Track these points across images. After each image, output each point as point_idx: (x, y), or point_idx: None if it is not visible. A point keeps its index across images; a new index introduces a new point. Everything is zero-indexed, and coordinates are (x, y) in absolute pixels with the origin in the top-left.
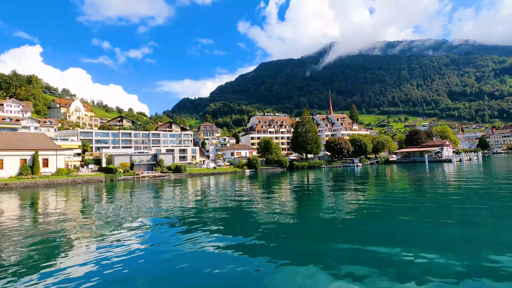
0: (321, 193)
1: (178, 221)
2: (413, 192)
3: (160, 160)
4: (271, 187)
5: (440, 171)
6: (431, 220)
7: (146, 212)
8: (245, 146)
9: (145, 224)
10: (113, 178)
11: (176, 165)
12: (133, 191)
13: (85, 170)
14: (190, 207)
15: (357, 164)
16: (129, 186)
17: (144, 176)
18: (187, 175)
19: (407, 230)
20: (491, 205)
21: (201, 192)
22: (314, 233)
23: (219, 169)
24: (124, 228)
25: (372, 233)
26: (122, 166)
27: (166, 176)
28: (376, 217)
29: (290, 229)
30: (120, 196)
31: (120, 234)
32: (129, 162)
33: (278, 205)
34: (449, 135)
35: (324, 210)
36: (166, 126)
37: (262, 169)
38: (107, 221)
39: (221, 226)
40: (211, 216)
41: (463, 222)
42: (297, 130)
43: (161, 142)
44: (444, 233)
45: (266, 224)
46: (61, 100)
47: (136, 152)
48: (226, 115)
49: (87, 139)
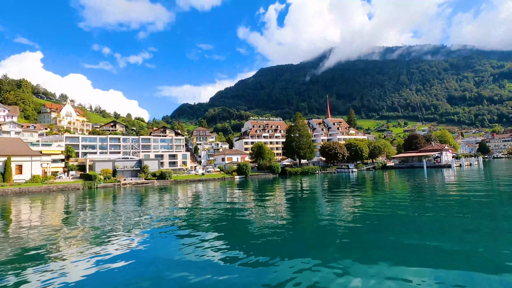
0: (310, 204)
1: (138, 238)
2: (407, 206)
3: (145, 166)
4: (257, 197)
5: (439, 177)
6: (417, 239)
7: (107, 229)
8: (237, 151)
9: (101, 246)
10: (92, 185)
11: (161, 171)
12: (107, 200)
13: (66, 177)
14: (161, 220)
15: (352, 170)
16: (107, 194)
17: (126, 183)
18: (172, 182)
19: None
20: (497, 227)
21: (181, 201)
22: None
23: (207, 175)
24: (69, 250)
25: (361, 248)
26: (104, 172)
27: (149, 183)
28: (364, 232)
29: (273, 247)
30: (90, 207)
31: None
32: (111, 169)
33: (260, 218)
34: (448, 140)
35: (311, 226)
36: (160, 131)
37: (253, 175)
38: (51, 238)
39: (191, 243)
40: (183, 233)
41: (463, 241)
42: (290, 134)
43: (152, 147)
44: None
45: (243, 244)
46: (51, 105)
47: (120, 158)
48: (225, 120)
49: (73, 144)
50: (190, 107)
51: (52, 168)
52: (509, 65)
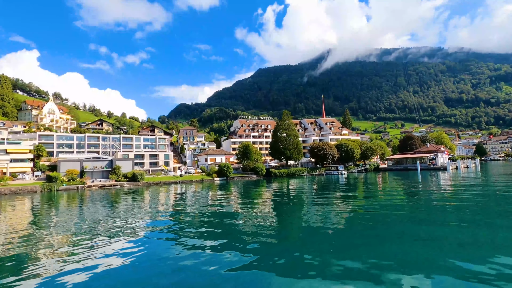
0: (285, 217)
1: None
2: (395, 220)
3: (116, 167)
4: (229, 206)
5: (433, 181)
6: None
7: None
8: (221, 151)
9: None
10: (52, 187)
11: (133, 172)
12: (58, 206)
13: (29, 178)
14: (106, 233)
15: (341, 172)
16: (65, 198)
17: (91, 185)
18: (143, 185)
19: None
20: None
21: (143, 209)
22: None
23: (185, 177)
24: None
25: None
26: (69, 173)
27: (118, 186)
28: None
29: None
30: (28, 214)
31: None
32: (79, 169)
33: (222, 246)
34: (445, 141)
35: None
36: (148, 130)
37: (235, 177)
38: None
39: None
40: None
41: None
42: (276, 134)
43: (134, 146)
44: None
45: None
46: (33, 102)
47: (91, 158)
48: (221, 120)
49: (48, 143)
50: (187, 107)
51: (16, 169)
52: (506, 68)
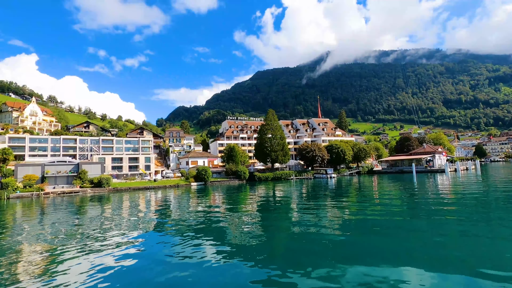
0: (266, 232)
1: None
2: (383, 237)
3: (82, 172)
4: (195, 221)
5: (431, 185)
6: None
7: None
8: (204, 154)
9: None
10: (2, 195)
11: (101, 177)
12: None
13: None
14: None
15: (330, 176)
16: (13, 208)
17: (48, 192)
18: (110, 191)
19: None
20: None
21: (94, 223)
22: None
23: (159, 182)
24: None
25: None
26: (27, 179)
27: (80, 192)
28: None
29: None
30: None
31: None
32: (39, 174)
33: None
34: (443, 142)
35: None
36: (137, 133)
37: (215, 181)
38: None
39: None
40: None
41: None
42: (261, 135)
43: (114, 149)
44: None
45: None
46: (14, 104)
47: (55, 162)
48: (219, 122)
49: (19, 145)
50: (185, 110)
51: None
52: (505, 69)
